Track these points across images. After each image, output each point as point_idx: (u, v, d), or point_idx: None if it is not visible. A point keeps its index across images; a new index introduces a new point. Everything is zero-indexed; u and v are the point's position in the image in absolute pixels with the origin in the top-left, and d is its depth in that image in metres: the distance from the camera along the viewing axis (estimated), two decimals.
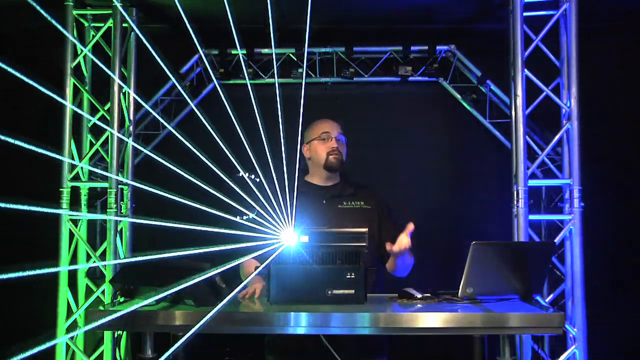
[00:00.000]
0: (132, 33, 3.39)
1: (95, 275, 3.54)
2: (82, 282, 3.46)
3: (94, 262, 3.38)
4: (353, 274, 1.99)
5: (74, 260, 3.42)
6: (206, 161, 2.47)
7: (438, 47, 3.87)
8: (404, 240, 2.24)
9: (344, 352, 2.09)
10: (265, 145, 2.52)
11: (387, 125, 4.02)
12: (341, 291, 1.97)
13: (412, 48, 3.89)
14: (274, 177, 2.29)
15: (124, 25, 3.34)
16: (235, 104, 4.42)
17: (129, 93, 3.40)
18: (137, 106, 3.52)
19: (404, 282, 2.32)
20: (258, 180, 2.19)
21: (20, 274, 1.20)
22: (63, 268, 3.31)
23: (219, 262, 2.00)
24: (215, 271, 2.00)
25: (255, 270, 2.19)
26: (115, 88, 3.25)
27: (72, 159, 3.37)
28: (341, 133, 2.61)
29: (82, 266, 3.48)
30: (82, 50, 3.38)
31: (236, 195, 2.41)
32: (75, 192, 3.38)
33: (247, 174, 2.23)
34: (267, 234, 2.13)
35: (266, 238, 2.07)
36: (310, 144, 2.63)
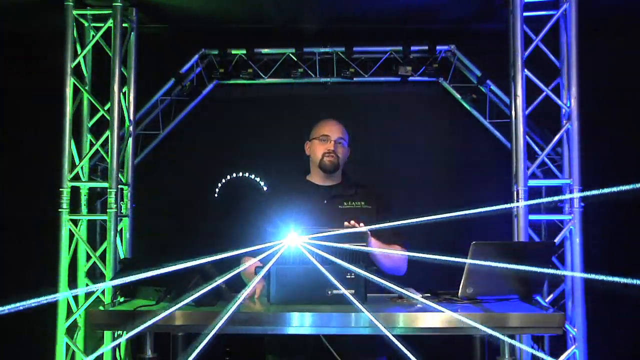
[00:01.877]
0: (132, 33, 3.39)
1: (95, 275, 3.54)
2: (82, 282, 3.46)
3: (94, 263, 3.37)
4: (353, 274, 1.99)
5: (74, 260, 3.42)
6: (206, 160, 2.47)
7: (438, 47, 3.87)
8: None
9: (344, 352, 2.09)
10: (266, 145, 2.52)
11: (387, 125, 4.01)
12: (341, 291, 1.97)
13: (412, 48, 3.88)
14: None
15: (124, 25, 3.34)
16: (236, 104, 4.43)
17: (129, 93, 3.40)
18: (137, 106, 3.53)
19: (404, 282, 2.32)
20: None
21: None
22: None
23: (219, 263, 2.01)
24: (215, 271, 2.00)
25: (256, 271, 2.19)
26: (115, 88, 3.25)
27: (72, 159, 3.37)
28: (342, 137, 2.61)
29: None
30: (83, 50, 3.39)
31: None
32: (75, 192, 3.38)
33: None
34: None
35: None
36: (311, 142, 2.66)
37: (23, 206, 3.88)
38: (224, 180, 3.83)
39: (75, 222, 3.36)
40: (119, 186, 3.26)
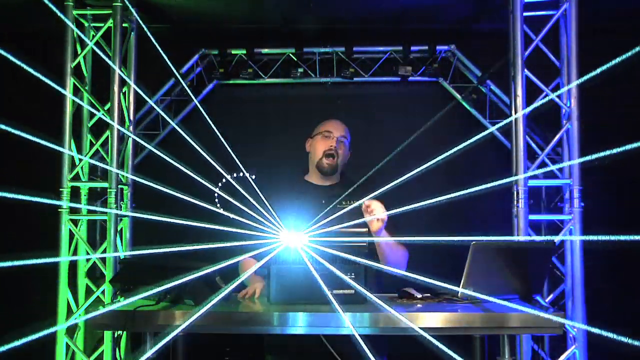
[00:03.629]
0: (132, 33, 3.39)
1: (95, 275, 3.54)
2: (82, 281, 3.46)
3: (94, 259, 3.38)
4: (353, 274, 1.99)
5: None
6: (206, 160, 2.47)
7: (438, 47, 3.87)
8: (376, 210, 2.22)
9: (344, 352, 2.09)
10: (266, 145, 2.51)
11: (387, 125, 4.01)
12: (341, 291, 1.97)
13: (412, 48, 3.89)
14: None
15: (124, 25, 3.34)
16: (236, 104, 4.43)
17: (129, 93, 3.40)
18: (137, 106, 3.53)
19: (404, 282, 2.32)
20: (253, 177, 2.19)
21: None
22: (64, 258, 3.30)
23: (219, 262, 2.01)
24: (214, 270, 2.00)
25: (254, 268, 2.19)
26: (116, 88, 3.25)
27: (72, 159, 3.37)
28: (344, 135, 2.62)
29: (81, 257, 3.48)
30: (83, 50, 3.39)
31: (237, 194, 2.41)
32: (75, 192, 3.38)
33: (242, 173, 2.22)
34: (267, 234, 2.14)
35: (266, 238, 2.07)
36: (313, 139, 2.66)
37: (23, 206, 3.88)
38: (222, 183, 3.83)
39: (75, 222, 3.36)
40: (119, 186, 3.26)
